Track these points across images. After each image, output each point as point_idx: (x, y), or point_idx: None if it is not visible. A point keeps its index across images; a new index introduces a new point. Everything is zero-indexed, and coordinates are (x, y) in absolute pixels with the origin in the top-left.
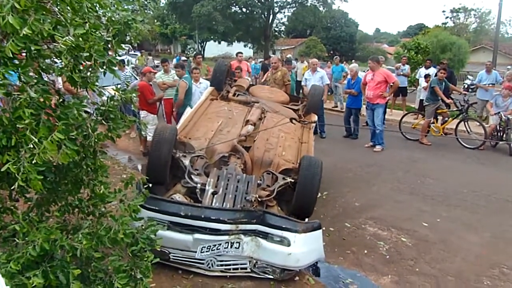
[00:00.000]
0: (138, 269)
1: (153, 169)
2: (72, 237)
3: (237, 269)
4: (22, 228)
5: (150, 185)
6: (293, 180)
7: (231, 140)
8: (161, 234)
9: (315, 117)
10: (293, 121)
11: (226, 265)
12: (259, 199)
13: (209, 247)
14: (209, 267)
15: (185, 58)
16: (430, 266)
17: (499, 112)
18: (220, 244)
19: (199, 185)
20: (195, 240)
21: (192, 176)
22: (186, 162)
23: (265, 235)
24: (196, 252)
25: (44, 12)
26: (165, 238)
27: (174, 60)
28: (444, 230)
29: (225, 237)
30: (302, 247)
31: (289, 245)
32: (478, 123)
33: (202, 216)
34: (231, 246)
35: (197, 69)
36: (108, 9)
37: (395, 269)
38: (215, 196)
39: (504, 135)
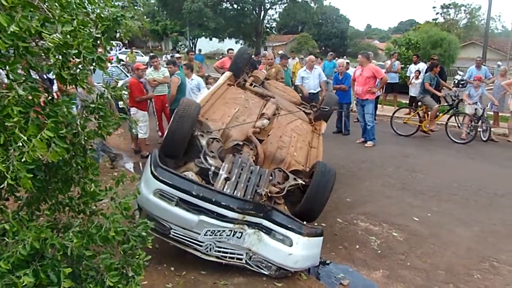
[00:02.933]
0: (130, 267)
1: (171, 142)
2: (62, 236)
3: (233, 258)
4: (12, 227)
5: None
6: (304, 183)
7: (247, 128)
8: (169, 209)
9: (324, 125)
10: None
11: (223, 252)
12: (269, 194)
13: (213, 232)
14: (207, 251)
15: (179, 55)
16: (421, 260)
17: (476, 103)
18: (223, 231)
19: (213, 168)
20: (200, 222)
21: (207, 158)
22: (203, 142)
23: (268, 231)
24: (199, 234)
25: (31, 9)
26: (171, 213)
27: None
28: (434, 225)
29: (230, 225)
30: (303, 250)
31: (291, 245)
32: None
33: (213, 200)
34: (233, 235)
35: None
36: (97, 5)
37: (387, 263)
38: (227, 182)
39: (480, 123)
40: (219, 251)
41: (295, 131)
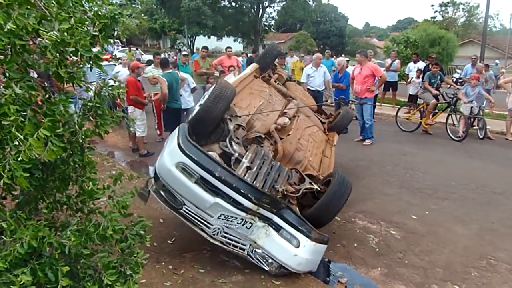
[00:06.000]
0: (128, 265)
1: (202, 119)
2: (60, 234)
3: (236, 247)
4: (10, 226)
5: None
6: (319, 189)
7: (269, 123)
8: (187, 184)
9: (337, 137)
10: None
11: (229, 238)
12: (285, 193)
13: (226, 216)
14: (214, 235)
15: (186, 53)
16: (419, 258)
17: (472, 101)
18: (236, 218)
19: (236, 154)
20: (214, 204)
21: (233, 143)
22: (231, 126)
23: (278, 228)
24: (210, 215)
25: (28, 7)
26: (189, 189)
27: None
28: (432, 223)
29: (243, 214)
30: (308, 254)
31: (297, 246)
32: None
33: (234, 185)
34: (243, 224)
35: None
36: (94, 3)
37: (385, 261)
38: (248, 171)
39: (476, 122)
40: (225, 237)
41: (312, 136)
